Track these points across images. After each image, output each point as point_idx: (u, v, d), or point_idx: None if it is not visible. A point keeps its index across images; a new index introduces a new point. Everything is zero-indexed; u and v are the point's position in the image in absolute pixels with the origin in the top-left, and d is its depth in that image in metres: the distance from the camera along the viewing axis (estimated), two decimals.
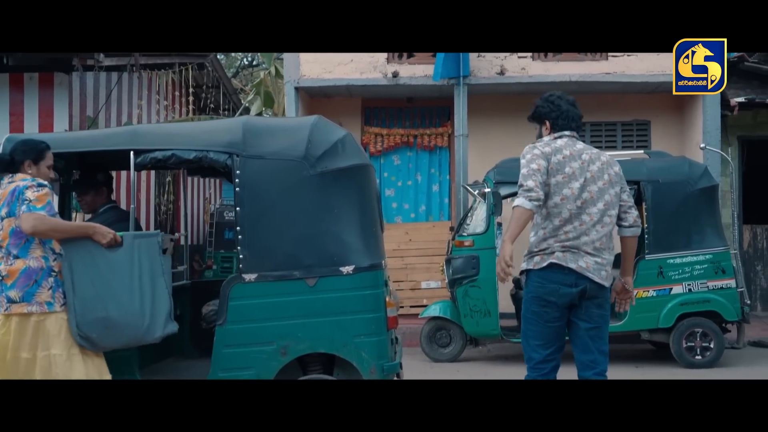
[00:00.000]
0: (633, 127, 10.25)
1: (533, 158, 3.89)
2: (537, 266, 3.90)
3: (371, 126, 10.39)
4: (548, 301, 3.88)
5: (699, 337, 7.47)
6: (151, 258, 4.28)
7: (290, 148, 4.71)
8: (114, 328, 4.11)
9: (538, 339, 3.94)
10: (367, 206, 4.95)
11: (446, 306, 8.24)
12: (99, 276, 4.10)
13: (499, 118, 10.00)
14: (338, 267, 4.61)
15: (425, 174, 10.47)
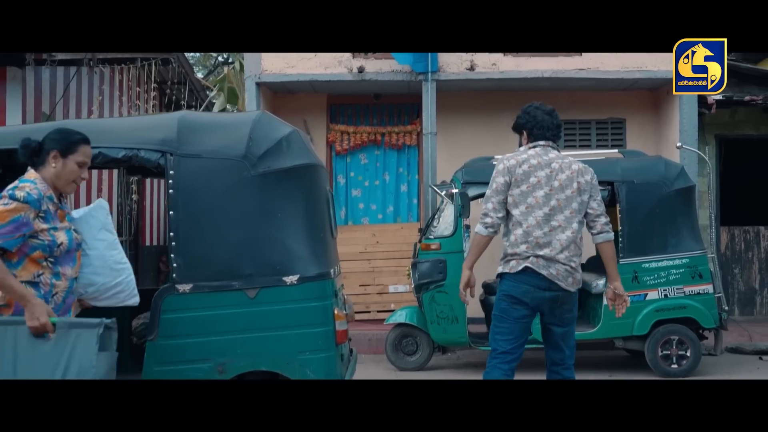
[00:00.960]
0: (608, 126, 9.92)
1: (495, 176, 4.19)
2: (513, 270, 4.13)
3: (337, 123, 9.98)
4: (519, 300, 4.11)
5: (675, 345, 7.14)
6: (85, 357, 3.29)
7: (230, 146, 4.30)
8: None
9: (503, 334, 4.17)
10: (315, 210, 4.56)
11: (412, 312, 7.87)
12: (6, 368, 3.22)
13: (469, 116, 9.65)
14: (281, 277, 4.22)
15: (393, 174, 10.09)
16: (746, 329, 8.99)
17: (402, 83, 9.29)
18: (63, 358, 3.24)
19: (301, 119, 9.89)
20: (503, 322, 4.18)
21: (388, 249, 9.78)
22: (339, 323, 4.40)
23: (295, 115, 9.87)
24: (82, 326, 3.32)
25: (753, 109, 9.64)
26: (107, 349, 3.33)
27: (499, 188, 4.15)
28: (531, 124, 4.36)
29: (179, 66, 13.81)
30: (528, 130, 4.37)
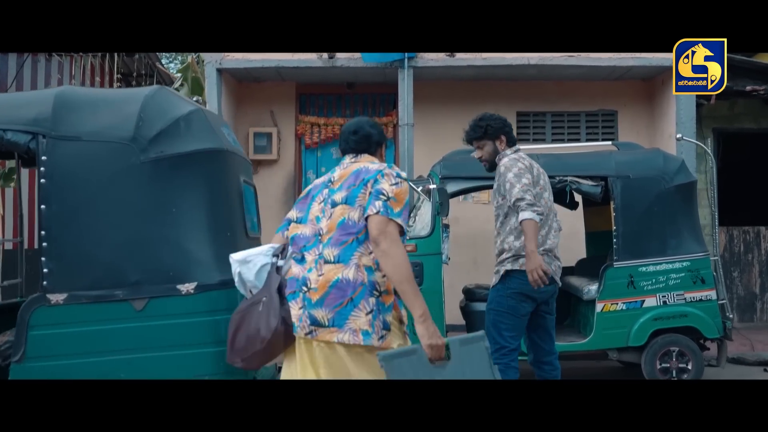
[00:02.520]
0: (598, 118, 9.22)
1: (522, 172, 4.30)
2: (523, 267, 4.25)
3: (307, 115, 9.21)
4: (528, 296, 4.32)
5: (675, 357, 6.44)
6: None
7: (116, 126, 3.65)
8: None
9: (511, 330, 4.36)
10: (221, 204, 3.89)
11: None
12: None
13: (449, 107, 8.93)
14: (175, 284, 3.58)
15: None
16: (747, 337, 8.33)
17: (377, 71, 8.57)
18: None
19: (268, 110, 9.14)
20: (511, 318, 4.34)
21: None
22: None
23: (262, 105, 9.14)
24: (471, 342, 3.03)
25: (753, 102, 8.99)
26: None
27: (531, 183, 4.29)
28: (508, 128, 4.55)
29: (145, 56, 13.05)
30: (506, 134, 4.52)
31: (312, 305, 2.88)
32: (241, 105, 9.12)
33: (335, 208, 2.98)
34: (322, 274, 2.91)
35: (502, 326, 4.34)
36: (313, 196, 3.13)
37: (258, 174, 9.15)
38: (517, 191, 4.21)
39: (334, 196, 3.01)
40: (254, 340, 2.96)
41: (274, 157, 9.00)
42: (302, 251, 3.01)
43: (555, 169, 6.59)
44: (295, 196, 9.16)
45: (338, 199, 2.99)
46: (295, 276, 2.99)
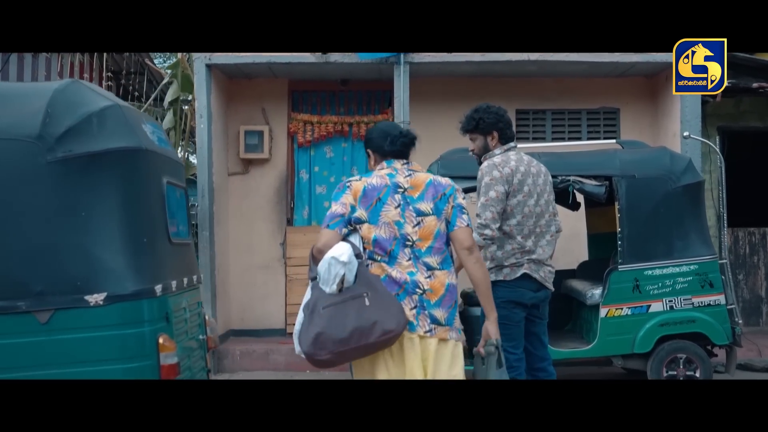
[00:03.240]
0: (600, 116, 8.95)
1: (493, 183, 4.08)
2: (508, 277, 4.17)
3: (300, 112, 8.90)
4: (518, 302, 4.17)
5: (682, 364, 6.19)
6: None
7: (19, 123, 3.40)
8: None
9: (510, 340, 4.10)
10: (137, 208, 3.62)
11: None
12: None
13: (446, 105, 8.63)
14: (83, 295, 3.32)
15: (362, 168, 9.02)
16: (753, 342, 8.05)
17: (372, 67, 8.29)
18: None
19: (259, 107, 8.86)
20: (506, 329, 3.97)
21: None
22: (165, 356, 3.47)
23: (253, 102, 8.85)
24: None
25: (758, 99, 8.73)
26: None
27: (500, 197, 4.07)
28: (503, 124, 4.29)
29: (135, 54, 12.76)
30: (500, 130, 4.27)
31: (431, 306, 3.21)
32: (232, 102, 8.83)
33: (425, 217, 3.27)
34: (433, 278, 3.25)
35: (500, 339, 3.96)
36: (381, 200, 3.26)
37: (249, 173, 8.89)
38: (479, 205, 4.10)
39: (419, 206, 3.27)
40: (368, 333, 3.07)
41: (266, 156, 8.71)
42: (390, 254, 3.24)
43: (557, 169, 6.32)
44: (288, 196, 8.90)
45: (425, 210, 3.27)
46: (392, 277, 3.21)
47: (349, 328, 3.08)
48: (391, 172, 3.37)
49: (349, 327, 3.09)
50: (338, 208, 3.29)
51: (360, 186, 3.31)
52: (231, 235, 8.76)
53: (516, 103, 8.80)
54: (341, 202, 3.29)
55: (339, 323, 3.09)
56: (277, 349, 8.10)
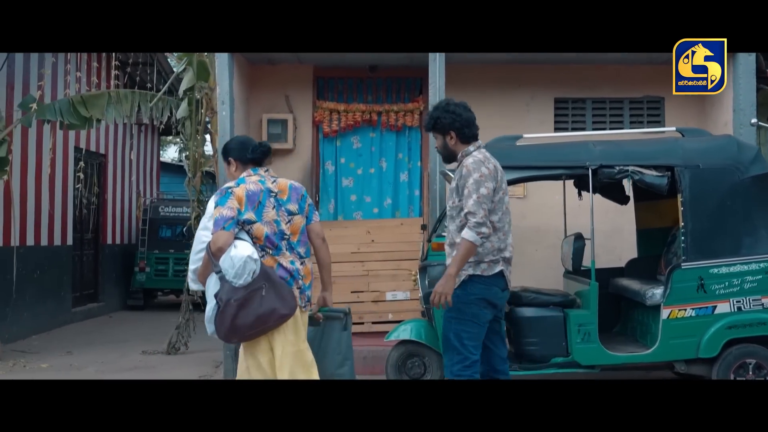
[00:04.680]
0: (643, 105, 8.49)
1: (483, 179, 4.08)
2: (485, 273, 4.15)
3: (325, 100, 8.45)
4: (490, 302, 4.16)
5: (752, 370, 5.72)
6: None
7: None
8: None
9: (474, 340, 4.16)
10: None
11: (420, 326, 6.41)
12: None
13: (482, 92, 8.18)
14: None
15: (392, 160, 8.58)
16: None
17: (402, 53, 7.78)
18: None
19: (282, 94, 8.37)
20: (474, 327, 4.14)
21: (386, 249, 8.31)
22: None
23: (276, 89, 8.38)
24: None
25: None
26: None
27: (490, 194, 4.09)
28: (459, 123, 4.26)
29: None
30: (457, 130, 4.26)
31: (306, 287, 4.05)
32: (254, 89, 8.35)
33: (294, 216, 4.03)
34: (303, 264, 4.06)
35: (464, 335, 4.15)
36: (261, 202, 3.93)
37: (272, 165, 8.37)
38: (471, 203, 4.05)
39: (288, 206, 4.02)
40: (267, 318, 3.80)
41: (290, 146, 8.24)
42: (277, 247, 3.96)
43: (614, 158, 5.90)
44: (312, 189, 8.41)
45: (293, 210, 4.04)
46: (283, 266, 3.96)
47: (253, 317, 3.80)
48: (261, 178, 4.04)
49: (253, 316, 3.79)
50: (227, 211, 3.86)
51: (242, 192, 3.93)
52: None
53: (555, 91, 8.35)
54: (228, 206, 3.88)
55: (247, 313, 3.79)
56: None
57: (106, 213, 13.43)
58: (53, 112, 9.12)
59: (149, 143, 15.73)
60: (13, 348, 9.55)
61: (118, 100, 9.49)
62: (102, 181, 13.21)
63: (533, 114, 8.37)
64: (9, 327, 9.80)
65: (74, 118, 9.18)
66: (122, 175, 14.15)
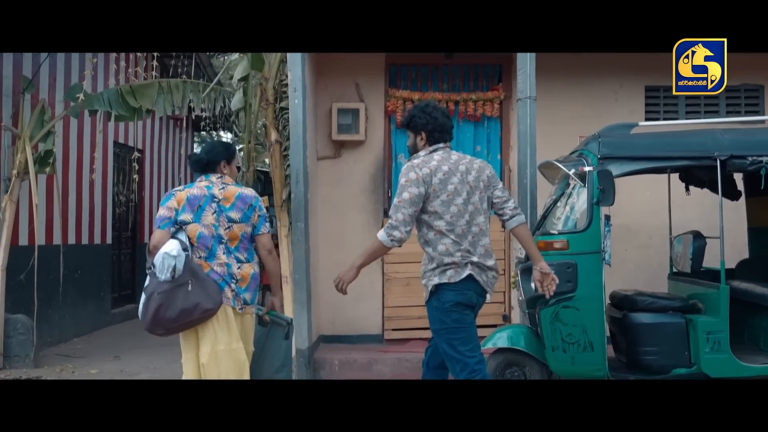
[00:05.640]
0: (741, 93, 7.92)
1: (407, 185, 4.08)
2: (452, 279, 4.11)
3: (398, 89, 7.88)
4: (467, 304, 4.13)
5: None
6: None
7: None
8: None
9: (467, 344, 4.12)
10: None
11: (519, 333, 5.88)
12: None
13: (568, 79, 7.66)
14: None
15: (469, 152, 7.97)
16: None
17: None
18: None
19: (352, 82, 7.82)
20: (462, 332, 4.13)
21: None
22: None
23: (346, 77, 7.82)
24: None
25: None
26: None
27: (414, 199, 4.07)
28: (432, 126, 4.27)
29: None
30: (428, 132, 4.28)
31: (242, 291, 4.23)
32: (322, 77, 7.79)
33: (234, 224, 4.22)
34: (242, 268, 4.26)
35: (456, 343, 4.12)
36: (201, 206, 4.20)
37: (341, 157, 7.85)
38: (392, 206, 4.13)
39: (230, 214, 4.22)
40: (191, 312, 4.02)
41: (361, 137, 7.69)
42: (210, 250, 4.22)
43: (746, 148, 5.34)
44: (384, 183, 7.86)
45: (234, 217, 4.22)
46: (215, 271, 4.20)
47: (177, 310, 4.02)
48: (209, 184, 4.31)
49: (177, 309, 4.02)
50: (165, 212, 4.22)
51: (184, 195, 4.26)
52: (320, 228, 7.72)
53: (645, 79, 7.80)
54: (167, 206, 4.24)
55: (170, 306, 4.02)
56: (381, 358, 7.08)
57: (144, 210, 12.91)
58: (101, 102, 8.61)
59: (183, 139, 15.23)
60: (57, 352, 9.08)
61: (169, 90, 8.98)
62: (139, 177, 12.69)
63: (622, 103, 7.80)
64: (51, 330, 9.30)
65: (123, 109, 8.67)
66: (158, 172, 13.64)
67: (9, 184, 8.22)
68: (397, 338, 7.70)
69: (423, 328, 7.74)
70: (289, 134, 8.37)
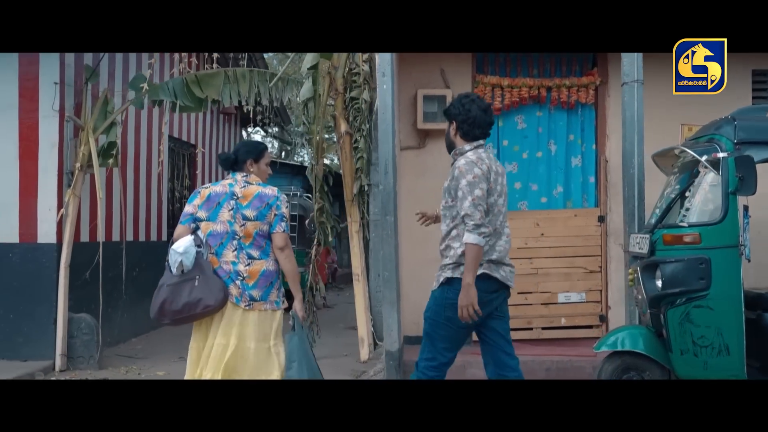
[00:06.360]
0: None
1: (476, 181, 4.05)
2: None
3: (486, 75, 7.41)
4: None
5: None
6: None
7: None
8: None
9: (446, 342, 4.21)
10: None
11: (638, 334, 5.42)
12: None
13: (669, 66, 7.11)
14: None
15: (562, 142, 7.53)
16: None
17: None
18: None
19: (437, 68, 7.37)
20: (447, 330, 4.16)
21: (557, 244, 7.31)
22: None
23: (429, 62, 7.37)
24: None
25: None
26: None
27: (485, 195, 4.07)
28: (462, 117, 4.26)
29: None
30: (458, 123, 4.28)
31: (249, 288, 4.37)
32: (404, 62, 7.34)
33: (248, 221, 4.37)
34: (252, 265, 4.39)
35: (436, 336, 4.18)
36: (219, 203, 4.39)
37: (425, 148, 7.40)
38: (467, 205, 4.00)
39: (245, 212, 4.37)
40: (194, 306, 4.23)
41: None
42: (219, 247, 4.39)
43: None
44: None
45: (249, 216, 4.37)
46: (222, 267, 4.37)
47: (181, 303, 4.21)
48: (232, 182, 4.45)
49: (182, 302, 4.21)
50: (189, 208, 4.43)
51: (205, 193, 4.42)
52: (403, 222, 7.26)
53: (752, 62, 7.28)
54: (192, 204, 4.43)
55: (175, 299, 4.22)
56: (475, 361, 6.60)
57: None
58: (167, 92, 8.24)
59: (232, 134, 14.89)
60: (117, 353, 8.73)
61: (235, 79, 8.61)
62: (192, 173, 12.35)
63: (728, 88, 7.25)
64: (111, 330, 8.94)
65: (188, 99, 8.30)
66: (210, 167, 13.29)
67: (71, 178, 7.88)
68: None
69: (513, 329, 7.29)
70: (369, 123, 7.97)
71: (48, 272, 7.77)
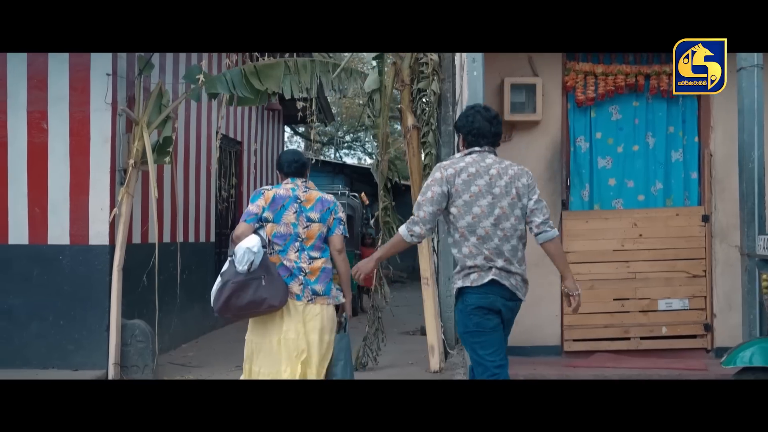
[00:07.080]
0: None
1: (430, 184, 4.14)
2: (475, 283, 4.06)
3: (578, 61, 6.83)
4: (490, 309, 4.06)
5: None
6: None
7: None
8: None
9: (488, 347, 4.09)
10: None
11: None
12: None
13: None
14: None
15: (661, 135, 6.93)
16: None
17: None
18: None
19: (525, 55, 6.79)
20: (481, 336, 4.09)
21: (657, 246, 6.77)
22: None
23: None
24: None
25: None
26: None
27: (435, 198, 4.09)
28: (467, 129, 4.26)
29: None
30: (464, 134, 4.29)
31: (311, 282, 4.57)
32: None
33: (312, 223, 4.61)
34: (313, 263, 4.59)
35: (476, 347, 4.10)
36: (284, 206, 4.59)
37: (512, 140, 6.83)
38: (416, 203, 4.16)
39: (310, 214, 4.62)
40: (258, 305, 4.43)
41: (538, 117, 6.67)
42: (284, 246, 4.57)
43: None
44: (563, 171, 6.88)
45: (314, 218, 4.62)
46: (285, 265, 4.55)
47: (246, 300, 4.44)
48: (294, 187, 4.70)
49: (247, 299, 4.44)
50: (254, 208, 4.60)
51: (270, 194, 4.63)
52: None
53: None
54: (257, 204, 4.61)
55: (240, 296, 4.44)
56: (574, 374, 6.06)
57: (242, 207, 12.04)
58: (224, 84, 7.72)
59: (276, 132, 14.39)
60: (169, 360, 8.25)
61: (296, 70, 8.07)
62: (238, 172, 11.85)
63: None
64: (162, 336, 8.43)
65: (247, 92, 7.77)
66: (258, 166, 12.80)
67: (123, 176, 7.38)
68: (579, 350, 6.69)
69: (609, 339, 6.74)
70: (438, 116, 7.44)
71: (100, 276, 7.28)
